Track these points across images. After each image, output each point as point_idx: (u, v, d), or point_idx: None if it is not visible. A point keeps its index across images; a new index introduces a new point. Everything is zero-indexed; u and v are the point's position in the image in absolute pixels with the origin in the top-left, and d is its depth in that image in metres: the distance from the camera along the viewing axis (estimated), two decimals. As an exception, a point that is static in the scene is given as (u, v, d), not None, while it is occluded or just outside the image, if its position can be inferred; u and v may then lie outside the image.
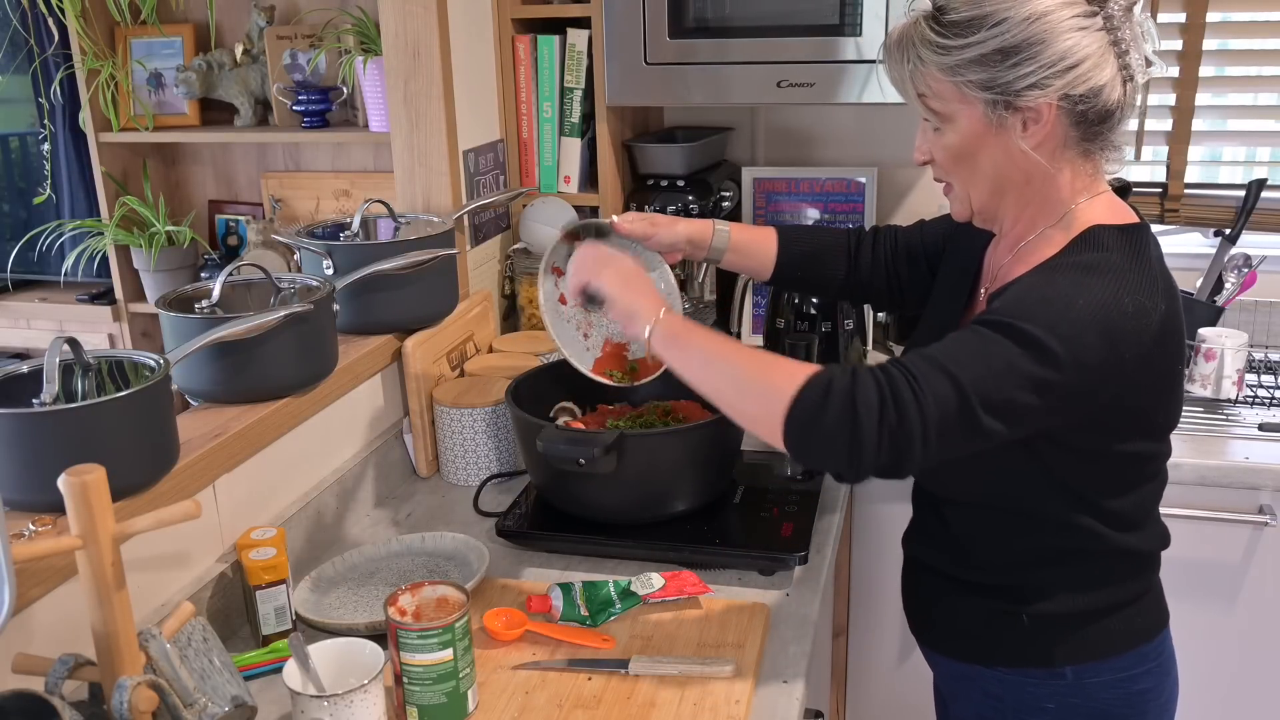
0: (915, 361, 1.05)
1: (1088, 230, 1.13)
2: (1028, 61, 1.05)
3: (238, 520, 1.33)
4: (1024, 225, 1.18)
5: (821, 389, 1.04)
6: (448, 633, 1.07)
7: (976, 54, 1.06)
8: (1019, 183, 1.14)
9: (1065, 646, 1.20)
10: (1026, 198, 1.15)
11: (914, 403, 1.02)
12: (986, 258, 1.29)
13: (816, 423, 1.04)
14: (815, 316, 1.93)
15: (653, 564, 1.40)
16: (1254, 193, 2.06)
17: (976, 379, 1.02)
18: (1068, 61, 1.05)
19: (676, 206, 2.07)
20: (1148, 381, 1.10)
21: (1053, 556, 1.20)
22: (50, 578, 1.04)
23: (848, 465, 1.04)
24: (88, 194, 2.69)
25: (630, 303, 1.23)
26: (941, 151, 1.15)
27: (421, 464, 1.70)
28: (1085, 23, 1.05)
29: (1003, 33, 1.05)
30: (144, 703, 0.92)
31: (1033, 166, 1.12)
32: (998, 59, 1.06)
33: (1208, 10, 2.11)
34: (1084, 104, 1.07)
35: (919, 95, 1.13)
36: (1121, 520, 1.19)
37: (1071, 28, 1.04)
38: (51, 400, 1.07)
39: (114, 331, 2.74)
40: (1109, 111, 1.09)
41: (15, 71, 2.63)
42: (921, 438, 1.02)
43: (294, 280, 1.48)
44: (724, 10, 1.92)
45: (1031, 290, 1.08)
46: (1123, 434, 1.14)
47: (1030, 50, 1.05)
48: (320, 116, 2.48)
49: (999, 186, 1.15)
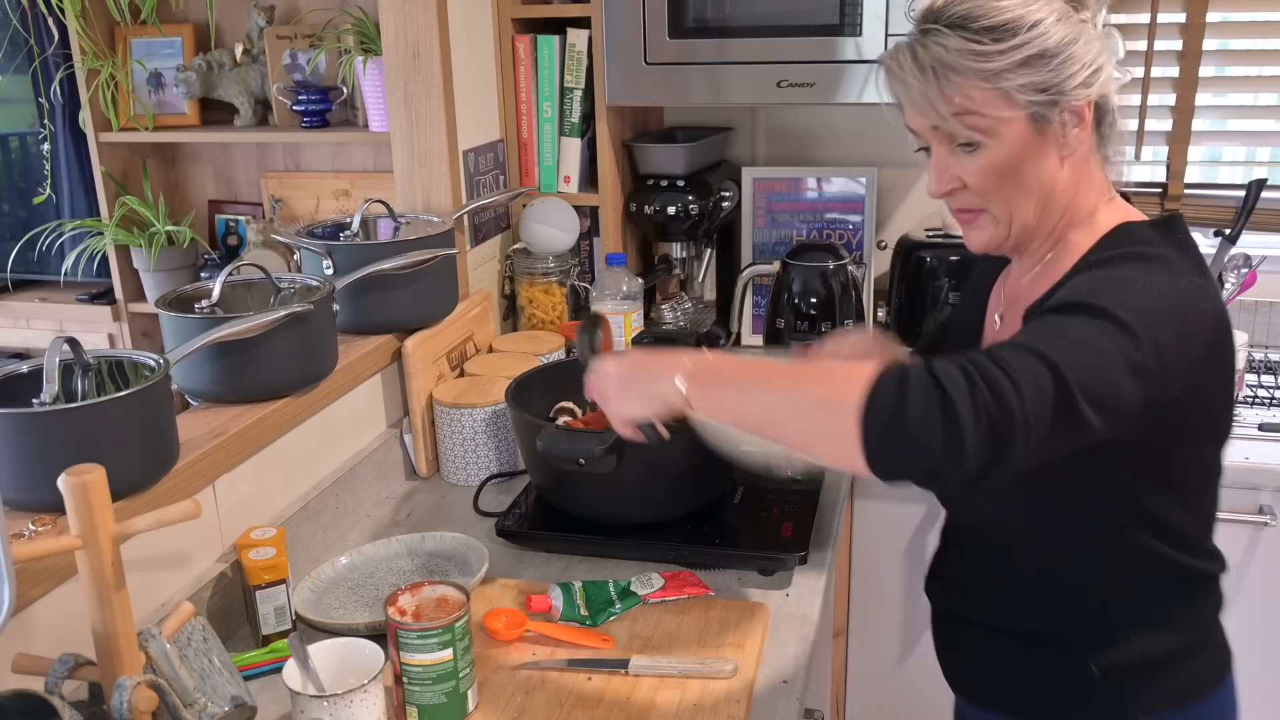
0: (994, 349, 0.92)
1: (1119, 227, 1.09)
2: (1071, 61, 1.03)
3: (238, 520, 1.33)
4: (1051, 240, 1.13)
5: (895, 382, 0.89)
6: (448, 633, 1.07)
7: (1023, 56, 1.02)
8: (1060, 193, 1.09)
9: (1142, 698, 1.11)
10: (1061, 210, 1.10)
11: (1008, 382, 0.87)
12: (996, 287, 1.23)
13: (899, 421, 0.87)
14: (815, 316, 1.93)
15: (653, 564, 1.40)
16: (1254, 193, 2.05)
17: (1071, 361, 0.89)
18: (1099, 61, 1.05)
19: (677, 206, 2.07)
20: (1213, 374, 1.02)
21: (1118, 590, 1.11)
22: (50, 578, 1.04)
23: (946, 462, 0.86)
24: (88, 194, 2.69)
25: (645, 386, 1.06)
26: (979, 173, 1.07)
27: (421, 464, 1.70)
28: (1084, 25, 1.05)
29: (1042, 34, 1.02)
30: (144, 703, 0.92)
31: (1068, 175, 1.08)
32: (1042, 61, 1.02)
33: (1208, 10, 2.10)
34: (1108, 103, 1.08)
35: (956, 114, 1.04)
36: (1186, 539, 1.10)
37: (1084, 30, 1.05)
38: (51, 400, 1.07)
39: (114, 331, 2.74)
40: (1114, 114, 1.10)
41: (15, 71, 2.63)
42: (1023, 424, 0.87)
43: (294, 280, 1.48)
44: (724, 10, 1.92)
45: (1090, 279, 1.00)
46: (1190, 435, 1.05)
47: (1069, 49, 1.03)
48: (320, 116, 2.48)
49: (1044, 200, 1.09)
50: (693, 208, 2.07)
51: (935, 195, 1.11)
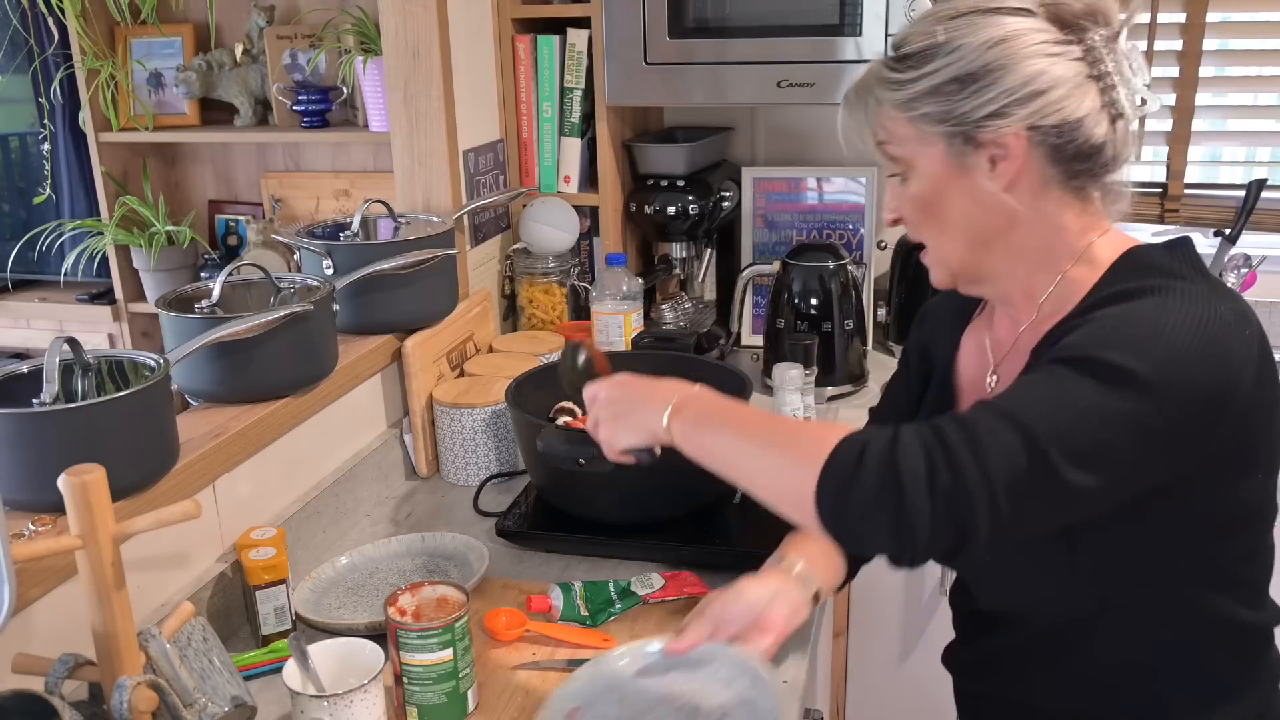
0: (974, 411, 0.87)
1: (1129, 252, 0.99)
2: (987, 88, 0.94)
3: (238, 520, 1.33)
4: (1027, 281, 1.04)
5: (855, 451, 0.85)
6: (448, 633, 1.07)
7: (930, 84, 0.96)
8: (1001, 230, 1.00)
9: None
10: (1017, 248, 1.01)
11: (971, 459, 0.82)
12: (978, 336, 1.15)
13: (850, 493, 0.84)
14: (815, 316, 1.93)
15: (653, 564, 1.40)
16: (1254, 193, 2.05)
17: (1052, 424, 0.83)
18: (1033, 87, 0.94)
19: (677, 206, 2.07)
20: (1265, 399, 0.93)
21: (1185, 660, 1.01)
22: (50, 578, 1.04)
23: (897, 544, 0.84)
24: (88, 194, 2.70)
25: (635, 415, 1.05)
26: (908, 204, 1.03)
27: (421, 464, 1.70)
28: (1057, 50, 0.94)
29: (958, 59, 0.95)
30: (144, 703, 0.92)
31: (1014, 211, 0.99)
32: (954, 88, 0.95)
33: (1208, 10, 2.11)
34: (1060, 137, 0.95)
35: (878, 144, 1.02)
36: (1252, 591, 1.01)
37: (1038, 53, 0.94)
38: (51, 400, 1.07)
39: (114, 331, 2.74)
40: (1093, 148, 0.97)
41: (15, 71, 2.63)
42: (988, 503, 0.81)
43: (294, 280, 1.48)
44: (724, 10, 1.92)
45: (1101, 324, 0.91)
46: (1247, 468, 0.96)
47: (990, 76, 0.94)
48: (320, 116, 2.49)
49: (976, 238, 1.01)
50: (693, 208, 2.07)
51: (886, 223, 1.08)
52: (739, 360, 2.13)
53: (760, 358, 2.05)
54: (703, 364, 1.67)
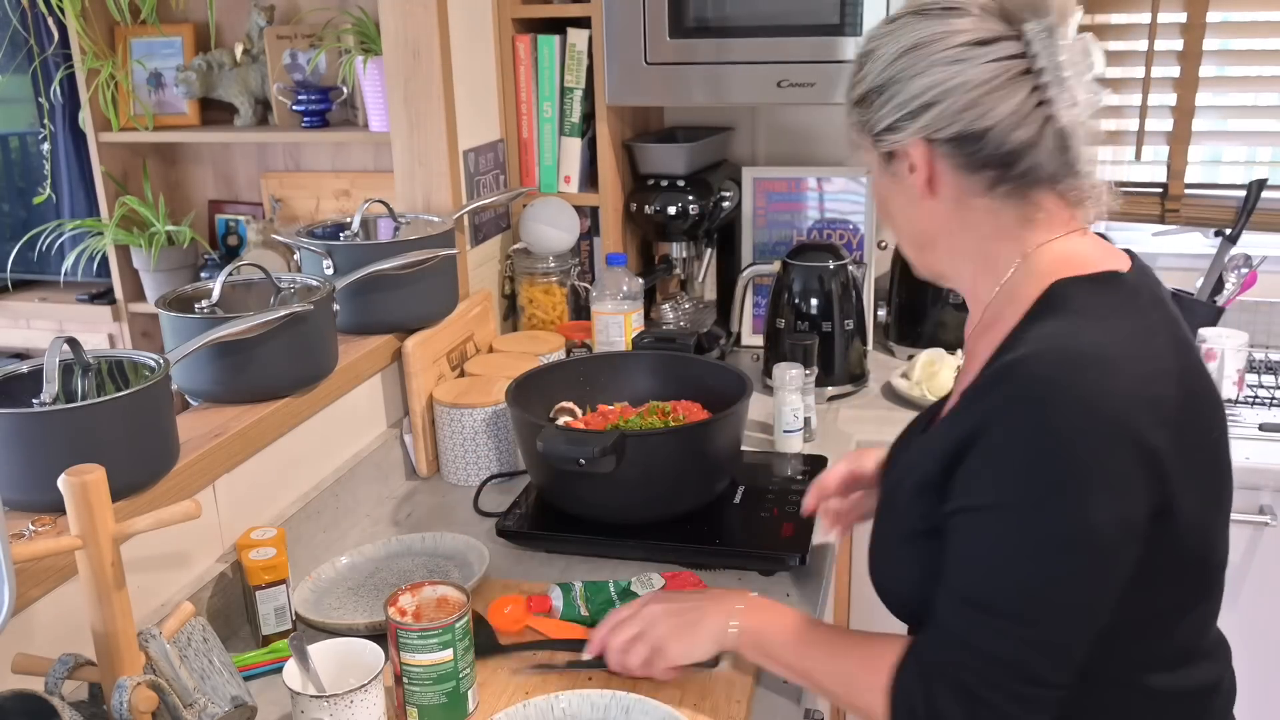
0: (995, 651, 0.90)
1: (1050, 288, 0.95)
2: (887, 102, 0.96)
3: (238, 520, 1.33)
4: (972, 283, 1.04)
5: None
6: (448, 633, 1.07)
7: (856, 94, 1.00)
8: (936, 234, 1.02)
9: None
10: (959, 251, 1.02)
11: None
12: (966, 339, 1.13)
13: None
14: (815, 316, 1.93)
15: (653, 564, 1.40)
16: (1254, 193, 2.06)
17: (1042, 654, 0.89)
18: (923, 100, 0.93)
19: (677, 206, 2.07)
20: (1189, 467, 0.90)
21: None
22: (50, 578, 1.04)
23: None
24: (88, 194, 2.70)
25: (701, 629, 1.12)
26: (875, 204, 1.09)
27: (421, 464, 1.70)
28: (969, 54, 0.92)
29: (872, 71, 0.98)
30: (144, 703, 0.92)
31: (944, 216, 0.99)
32: (870, 99, 0.98)
33: (1208, 10, 2.11)
34: (962, 148, 0.94)
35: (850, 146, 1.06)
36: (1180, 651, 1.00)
37: (944, 60, 0.92)
38: (51, 400, 1.07)
39: (114, 331, 2.74)
40: (1010, 155, 0.93)
41: (15, 71, 2.63)
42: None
43: (294, 280, 1.48)
44: (724, 10, 1.92)
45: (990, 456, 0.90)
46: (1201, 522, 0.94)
47: (891, 89, 0.96)
48: (320, 116, 2.48)
49: (918, 238, 1.05)
50: (693, 208, 2.07)
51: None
52: (739, 360, 2.13)
53: (760, 358, 2.05)
54: (703, 364, 1.67)
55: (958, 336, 2.08)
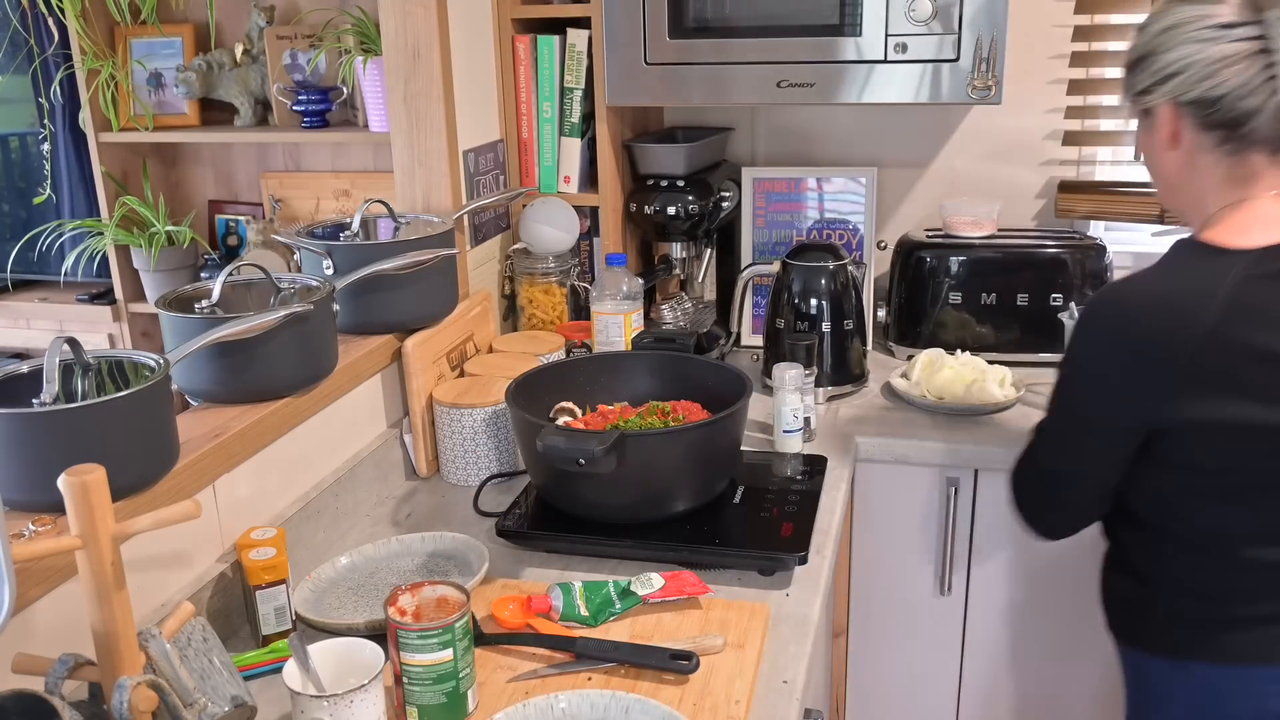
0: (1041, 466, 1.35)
1: (1173, 244, 1.24)
2: (1145, 69, 1.21)
3: (238, 520, 1.33)
4: (1198, 224, 1.27)
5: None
6: (448, 633, 1.07)
7: (1126, 62, 1.25)
8: (1173, 180, 1.27)
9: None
10: (1186, 195, 1.27)
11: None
12: None
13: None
14: (815, 316, 1.93)
15: (653, 564, 1.40)
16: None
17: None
18: (1169, 70, 1.18)
19: (677, 206, 2.07)
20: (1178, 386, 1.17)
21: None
22: (50, 578, 1.04)
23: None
24: (88, 194, 2.70)
25: None
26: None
27: (421, 464, 1.70)
28: (1216, 34, 1.15)
29: (1139, 44, 1.22)
30: (144, 703, 0.92)
31: (1178, 165, 1.24)
32: (1134, 65, 1.24)
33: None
34: (1205, 109, 1.17)
35: None
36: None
37: (1194, 39, 1.16)
38: (51, 400, 1.07)
39: (114, 331, 2.74)
40: (1240, 117, 1.16)
41: (15, 71, 2.63)
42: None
43: (294, 280, 1.48)
44: (724, 10, 1.92)
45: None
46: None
47: (1149, 59, 1.21)
48: (320, 116, 2.49)
49: (1162, 182, 1.30)
50: (693, 208, 2.07)
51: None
52: (739, 360, 2.13)
53: (760, 358, 2.06)
54: (703, 364, 1.67)
55: (958, 336, 2.09)
